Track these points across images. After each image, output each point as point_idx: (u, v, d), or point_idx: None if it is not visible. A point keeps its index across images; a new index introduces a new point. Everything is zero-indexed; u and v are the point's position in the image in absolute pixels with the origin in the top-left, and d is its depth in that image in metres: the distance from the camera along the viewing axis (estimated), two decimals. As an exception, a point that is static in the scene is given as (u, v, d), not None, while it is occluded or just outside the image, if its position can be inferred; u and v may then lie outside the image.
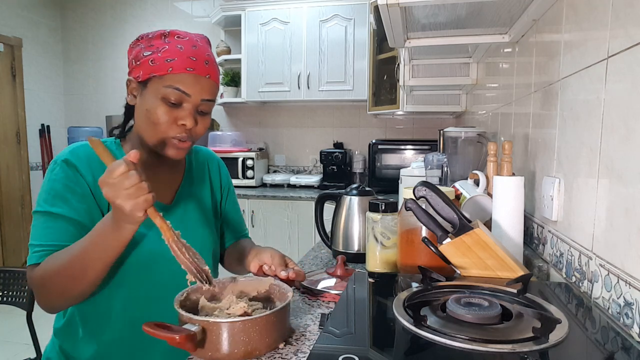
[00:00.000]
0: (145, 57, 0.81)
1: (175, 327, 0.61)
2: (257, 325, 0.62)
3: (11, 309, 1.59)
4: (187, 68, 0.80)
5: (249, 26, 3.28)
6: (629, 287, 0.62)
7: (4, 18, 3.60)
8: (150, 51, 0.81)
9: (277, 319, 0.65)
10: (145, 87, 0.82)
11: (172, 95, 0.80)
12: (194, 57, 0.81)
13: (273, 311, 0.64)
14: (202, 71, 0.82)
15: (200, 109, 0.84)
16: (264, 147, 3.70)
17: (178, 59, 0.79)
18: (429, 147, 2.98)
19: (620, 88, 0.67)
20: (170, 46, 0.80)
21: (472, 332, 0.55)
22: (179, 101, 0.81)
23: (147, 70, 0.80)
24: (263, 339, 0.63)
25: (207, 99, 0.84)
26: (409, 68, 2.16)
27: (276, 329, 0.65)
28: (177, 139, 0.83)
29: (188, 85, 0.80)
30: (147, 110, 0.82)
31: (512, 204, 0.95)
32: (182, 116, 0.82)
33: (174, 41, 0.81)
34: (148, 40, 0.83)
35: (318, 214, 1.30)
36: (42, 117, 3.97)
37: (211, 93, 0.85)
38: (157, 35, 0.83)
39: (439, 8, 1.05)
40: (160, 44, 0.81)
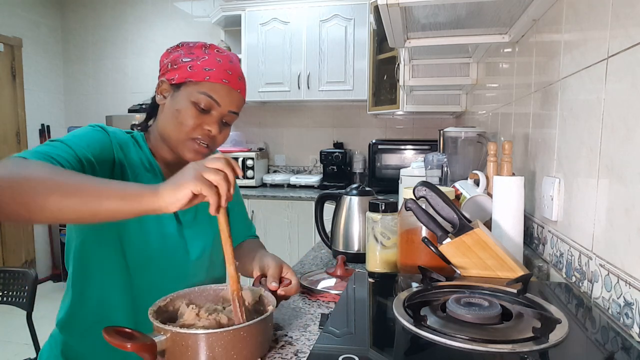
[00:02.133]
0: (184, 62, 0.86)
1: (137, 335, 0.58)
2: (221, 340, 0.58)
3: (11, 309, 1.59)
4: (223, 79, 0.85)
5: (249, 26, 3.28)
6: (629, 287, 0.62)
7: (4, 18, 3.60)
8: (190, 58, 0.86)
9: (248, 334, 0.61)
10: (178, 90, 0.86)
11: (203, 101, 0.84)
12: (230, 70, 0.87)
13: (242, 326, 0.60)
14: (236, 85, 0.88)
15: (225, 119, 0.89)
16: (264, 147, 3.70)
17: (216, 70, 0.85)
18: (429, 147, 2.98)
19: (620, 88, 0.67)
20: (210, 57, 0.86)
21: (472, 332, 0.55)
22: (208, 108, 0.85)
23: (184, 74, 0.85)
24: (229, 355, 0.59)
25: (233, 111, 0.89)
26: (409, 68, 2.16)
27: (246, 345, 0.61)
28: (199, 142, 0.87)
29: (221, 95, 0.85)
30: (177, 110, 0.85)
31: (512, 204, 0.95)
32: (209, 122, 0.86)
33: (213, 54, 0.87)
34: (189, 48, 0.88)
35: (318, 214, 1.30)
36: (42, 117, 3.97)
37: (238, 106, 0.90)
38: (198, 45, 0.88)
39: (439, 8, 1.05)
40: (200, 53, 0.87)
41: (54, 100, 4.11)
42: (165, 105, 0.88)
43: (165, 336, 0.58)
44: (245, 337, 0.60)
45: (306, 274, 1.01)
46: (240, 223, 1.10)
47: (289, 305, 0.86)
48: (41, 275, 3.89)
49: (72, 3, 4.09)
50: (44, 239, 4.02)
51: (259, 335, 0.63)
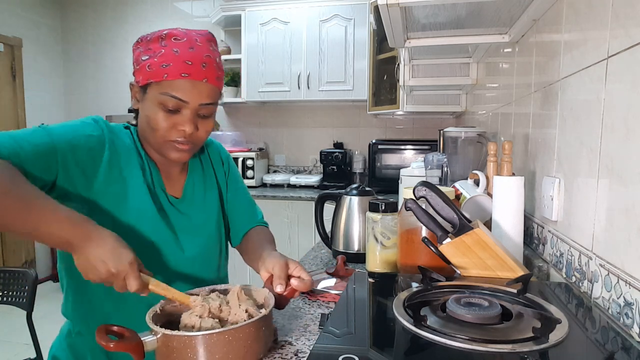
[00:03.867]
0: (143, 61, 0.80)
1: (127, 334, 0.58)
2: (205, 343, 0.58)
3: (11, 309, 1.59)
4: (182, 74, 0.78)
5: (249, 26, 3.28)
6: (629, 287, 0.62)
7: (4, 18, 3.60)
8: (148, 55, 0.80)
9: (234, 338, 0.59)
10: (145, 93, 0.82)
11: (169, 102, 0.79)
12: (189, 60, 0.78)
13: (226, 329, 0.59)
14: (199, 75, 0.79)
15: (200, 113, 0.83)
16: (264, 147, 3.70)
17: (173, 64, 0.78)
18: (429, 147, 2.98)
19: (620, 88, 0.67)
20: (167, 50, 0.78)
21: (472, 332, 0.55)
22: (176, 107, 0.80)
23: (145, 76, 0.80)
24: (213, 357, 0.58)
25: (206, 103, 0.82)
26: (409, 68, 2.16)
27: (232, 349, 0.59)
28: (177, 142, 0.83)
29: (184, 92, 0.79)
30: (147, 117, 0.82)
31: (512, 204, 0.95)
32: (181, 122, 0.81)
33: (170, 44, 0.79)
34: (146, 43, 0.81)
35: (318, 214, 1.30)
36: (42, 117, 3.97)
37: (210, 97, 0.82)
38: (154, 38, 0.81)
39: (439, 8, 1.05)
40: (157, 47, 0.79)
41: (54, 100, 4.11)
42: (140, 110, 0.85)
43: (156, 337, 0.58)
44: (231, 340, 0.59)
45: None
46: (243, 212, 1.05)
47: (288, 305, 0.86)
48: (41, 275, 3.88)
49: (72, 3, 4.09)
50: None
51: (249, 340, 0.61)
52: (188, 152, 0.86)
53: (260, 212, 1.10)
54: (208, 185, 1.00)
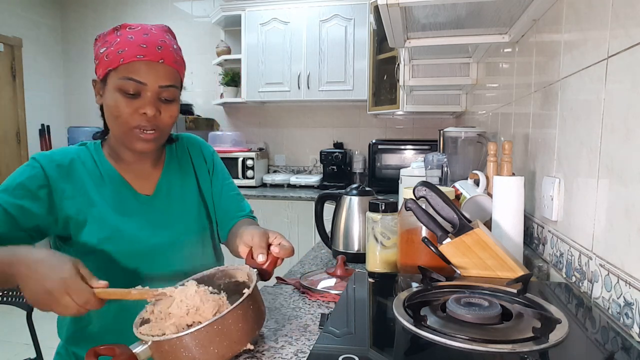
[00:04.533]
0: (101, 54, 0.82)
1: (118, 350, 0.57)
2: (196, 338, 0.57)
3: (11, 309, 1.59)
4: (137, 55, 0.79)
5: (249, 26, 3.28)
6: (629, 287, 0.62)
7: (4, 18, 3.60)
8: (105, 47, 0.82)
9: (223, 326, 0.58)
10: (106, 84, 0.83)
11: (128, 86, 0.79)
12: (144, 44, 0.80)
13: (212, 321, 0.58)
14: (154, 57, 0.80)
15: (162, 96, 0.83)
16: (264, 147, 3.70)
17: (128, 49, 0.79)
18: (429, 147, 2.98)
19: (620, 88, 0.67)
20: (122, 38, 0.81)
21: (472, 332, 0.55)
22: (136, 91, 0.80)
23: (104, 66, 0.81)
24: (208, 350, 0.57)
25: (165, 85, 0.82)
26: (409, 68, 2.16)
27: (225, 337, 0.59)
28: (141, 128, 0.82)
29: (141, 74, 0.80)
30: (109, 105, 0.82)
31: (512, 204, 0.95)
32: (142, 105, 0.81)
33: (125, 32, 0.82)
34: (103, 37, 0.84)
35: (318, 214, 1.30)
36: (42, 117, 3.97)
37: (169, 79, 0.83)
38: (110, 31, 0.84)
39: (439, 8, 1.05)
40: (112, 38, 0.82)
41: (54, 100, 4.11)
42: (103, 104, 0.86)
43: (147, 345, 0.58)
44: (222, 329, 0.58)
45: (306, 274, 1.01)
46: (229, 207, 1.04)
47: (288, 305, 0.86)
48: (41, 275, 3.88)
49: (72, 3, 4.09)
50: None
51: (241, 322, 0.60)
52: (153, 142, 0.85)
53: (249, 206, 1.09)
54: (185, 177, 0.99)
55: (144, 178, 0.93)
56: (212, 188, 1.04)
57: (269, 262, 0.74)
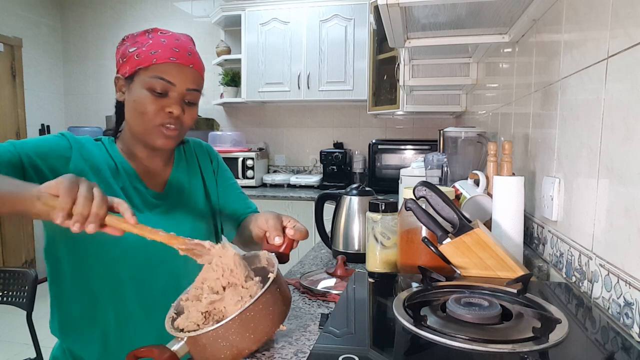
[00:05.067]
0: (130, 53, 0.85)
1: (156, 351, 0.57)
2: (231, 328, 0.58)
3: (11, 309, 1.59)
4: (170, 58, 0.83)
5: (249, 26, 3.28)
6: (629, 287, 0.62)
7: (4, 18, 3.60)
8: (136, 47, 0.85)
9: (257, 311, 0.60)
10: (132, 81, 0.85)
11: (157, 85, 0.83)
12: (176, 48, 0.85)
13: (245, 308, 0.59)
14: (185, 61, 0.85)
15: (186, 98, 0.87)
16: (264, 147, 3.70)
17: (162, 51, 0.83)
18: (429, 147, 2.98)
19: (620, 88, 0.67)
20: (154, 40, 0.85)
21: (472, 332, 0.55)
22: (164, 90, 0.84)
23: (133, 64, 0.84)
24: (246, 336, 0.59)
25: (192, 89, 0.86)
26: (409, 68, 2.16)
27: (260, 321, 0.60)
28: (165, 125, 0.85)
29: (172, 75, 0.84)
30: (135, 101, 0.85)
31: (512, 204, 0.95)
32: (169, 104, 0.85)
33: (157, 36, 0.86)
34: (133, 38, 0.87)
35: (318, 214, 1.30)
36: (42, 117, 3.97)
37: (195, 83, 0.87)
38: (141, 32, 0.88)
39: (439, 8, 1.05)
40: (144, 39, 0.86)
41: (54, 100, 4.11)
42: (126, 101, 0.88)
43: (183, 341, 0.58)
44: (255, 315, 0.60)
45: (306, 274, 1.01)
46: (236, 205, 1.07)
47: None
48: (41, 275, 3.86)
49: (72, 3, 4.09)
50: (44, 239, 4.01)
51: (271, 305, 0.62)
52: (174, 139, 0.88)
53: (254, 205, 1.11)
54: (193, 178, 1.02)
55: (155, 176, 0.95)
56: (218, 187, 1.06)
57: (286, 244, 0.77)
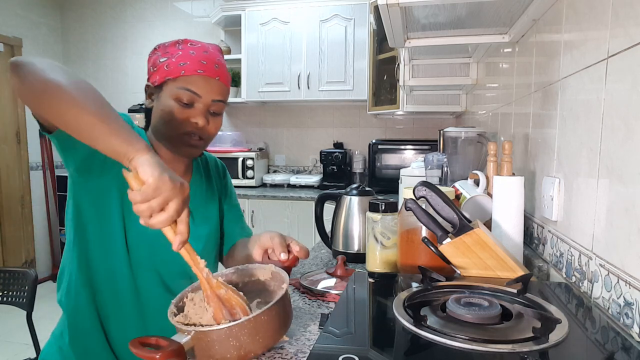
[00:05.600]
0: (161, 63, 0.88)
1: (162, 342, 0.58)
2: (245, 328, 0.59)
3: (11, 309, 1.59)
4: (197, 70, 0.86)
5: (249, 26, 3.28)
6: (629, 287, 0.62)
7: (4, 18, 3.60)
8: (166, 57, 0.88)
9: (269, 317, 0.62)
10: (161, 90, 0.88)
11: (184, 95, 0.86)
12: (204, 61, 0.88)
13: (261, 311, 0.60)
14: (212, 73, 0.88)
15: (211, 109, 0.90)
16: (264, 147, 3.70)
17: (190, 63, 0.86)
18: (429, 147, 2.98)
19: (620, 88, 0.67)
20: (184, 52, 0.88)
21: (472, 332, 0.55)
22: (190, 101, 0.87)
23: (163, 74, 0.87)
24: (256, 340, 0.60)
25: (217, 100, 0.90)
26: (409, 68, 2.16)
27: (271, 327, 0.62)
28: (190, 135, 0.88)
29: (199, 87, 0.87)
30: (162, 110, 0.88)
31: (512, 204, 0.95)
32: (194, 115, 0.88)
33: (186, 48, 0.89)
34: (164, 48, 0.90)
35: (318, 214, 1.30)
36: (42, 117, 3.97)
37: (221, 94, 0.91)
38: (172, 43, 0.90)
39: (439, 8, 1.05)
40: (174, 50, 0.89)
41: (54, 100, 4.11)
42: (154, 108, 0.91)
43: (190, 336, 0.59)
44: (267, 320, 0.61)
45: (306, 274, 1.01)
46: (235, 227, 1.10)
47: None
48: (41, 275, 3.88)
49: (72, 3, 4.09)
50: (44, 239, 4.02)
51: (281, 314, 0.64)
52: (199, 148, 0.92)
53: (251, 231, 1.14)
54: (208, 189, 1.05)
55: None
56: (224, 205, 1.10)
57: (290, 261, 0.83)
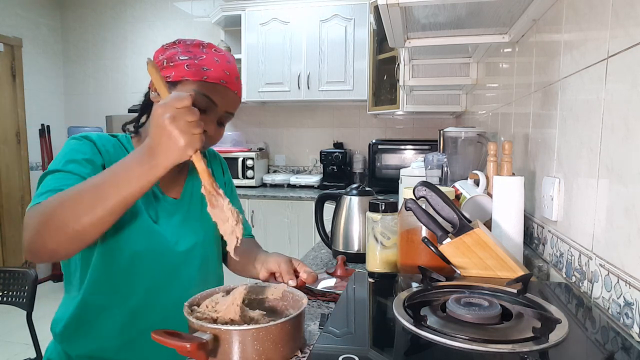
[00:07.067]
0: (180, 60, 0.84)
1: (185, 335, 0.58)
2: (271, 333, 0.59)
3: (11, 309, 1.59)
4: (221, 80, 0.84)
5: (249, 26, 3.28)
6: (629, 287, 0.62)
7: (4, 18, 3.60)
8: (187, 56, 0.84)
9: (293, 327, 0.63)
10: (174, 88, 0.84)
11: (201, 101, 0.82)
12: (227, 71, 0.86)
13: (289, 318, 0.61)
14: (233, 86, 0.87)
15: (221, 120, 0.89)
16: (264, 147, 3.70)
17: (214, 70, 0.84)
18: (429, 147, 2.98)
19: (620, 88, 0.67)
20: (208, 56, 0.85)
21: (472, 332, 0.55)
22: (204, 108, 0.83)
23: (181, 72, 0.83)
24: (277, 348, 0.60)
25: (230, 112, 0.89)
26: (409, 68, 2.16)
27: (292, 337, 0.63)
28: None
29: (218, 96, 0.84)
30: None
31: (512, 204, 0.95)
32: (205, 122, 0.84)
33: (211, 53, 0.86)
34: (186, 46, 0.86)
35: (318, 214, 1.30)
36: (42, 117, 3.97)
37: (234, 107, 0.90)
38: (195, 43, 0.87)
39: (439, 8, 1.05)
40: (198, 52, 0.85)
41: (54, 100, 4.11)
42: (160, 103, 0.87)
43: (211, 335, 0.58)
44: (290, 329, 0.62)
45: (306, 274, 1.01)
46: None
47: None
48: (41, 275, 3.88)
49: (72, 3, 4.09)
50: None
51: (300, 327, 0.65)
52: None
53: (250, 228, 1.15)
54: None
55: (171, 181, 0.95)
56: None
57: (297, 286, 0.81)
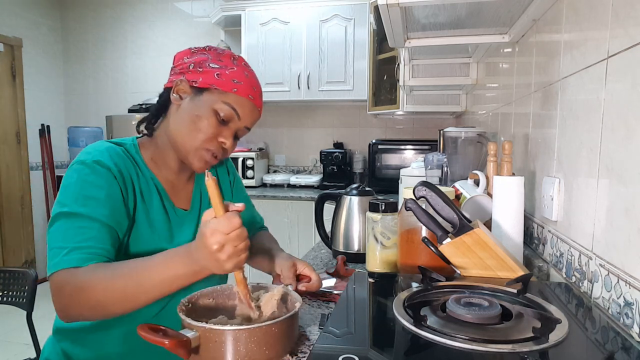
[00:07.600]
0: (211, 68, 0.84)
1: (171, 332, 0.58)
2: (254, 335, 0.59)
3: (11, 309, 1.59)
4: (249, 95, 0.86)
5: (249, 26, 3.28)
6: (629, 287, 0.62)
7: (4, 18, 3.59)
8: (218, 65, 0.85)
9: (280, 330, 0.62)
10: (200, 94, 0.84)
11: (226, 112, 0.84)
12: (255, 87, 0.88)
13: (274, 322, 0.61)
14: (258, 103, 0.89)
15: (238, 133, 0.89)
16: (264, 147, 3.70)
17: (244, 84, 0.85)
18: (429, 147, 2.98)
19: (620, 88, 0.67)
20: (239, 70, 0.86)
21: (472, 332, 0.55)
22: (228, 119, 0.85)
23: (210, 80, 0.83)
24: (262, 350, 0.60)
25: (248, 127, 0.90)
26: (409, 68, 2.16)
27: (277, 341, 0.62)
28: (209, 152, 0.86)
29: (244, 110, 0.86)
30: (197, 116, 0.84)
31: (512, 204, 0.95)
32: (225, 134, 0.86)
33: (241, 67, 0.87)
34: (217, 54, 0.87)
35: (318, 214, 1.30)
36: (42, 117, 3.97)
37: (254, 123, 0.91)
38: (227, 54, 0.88)
39: (439, 8, 1.05)
40: (229, 63, 0.86)
41: (54, 100, 4.11)
42: (182, 107, 0.85)
43: (197, 333, 0.59)
44: (277, 332, 0.62)
45: (306, 274, 1.01)
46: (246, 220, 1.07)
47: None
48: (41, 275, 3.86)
49: (72, 3, 4.09)
50: (44, 239, 4.00)
51: (289, 331, 0.65)
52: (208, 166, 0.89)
53: (262, 219, 1.17)
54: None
55: (180, 190, 0.95)
56: (233, 199, 1.08)
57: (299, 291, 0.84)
